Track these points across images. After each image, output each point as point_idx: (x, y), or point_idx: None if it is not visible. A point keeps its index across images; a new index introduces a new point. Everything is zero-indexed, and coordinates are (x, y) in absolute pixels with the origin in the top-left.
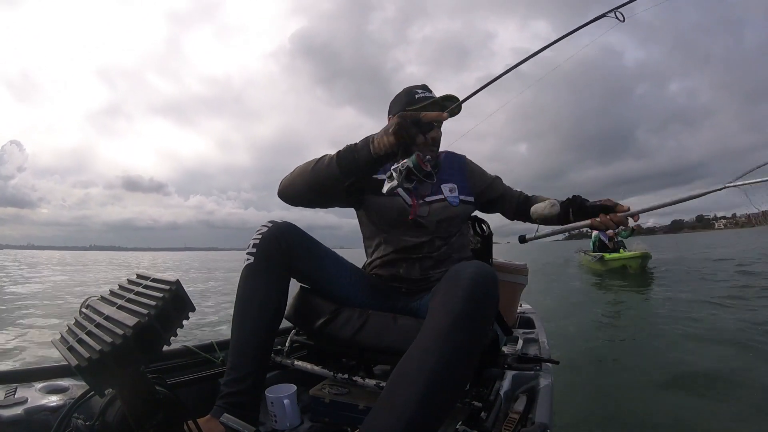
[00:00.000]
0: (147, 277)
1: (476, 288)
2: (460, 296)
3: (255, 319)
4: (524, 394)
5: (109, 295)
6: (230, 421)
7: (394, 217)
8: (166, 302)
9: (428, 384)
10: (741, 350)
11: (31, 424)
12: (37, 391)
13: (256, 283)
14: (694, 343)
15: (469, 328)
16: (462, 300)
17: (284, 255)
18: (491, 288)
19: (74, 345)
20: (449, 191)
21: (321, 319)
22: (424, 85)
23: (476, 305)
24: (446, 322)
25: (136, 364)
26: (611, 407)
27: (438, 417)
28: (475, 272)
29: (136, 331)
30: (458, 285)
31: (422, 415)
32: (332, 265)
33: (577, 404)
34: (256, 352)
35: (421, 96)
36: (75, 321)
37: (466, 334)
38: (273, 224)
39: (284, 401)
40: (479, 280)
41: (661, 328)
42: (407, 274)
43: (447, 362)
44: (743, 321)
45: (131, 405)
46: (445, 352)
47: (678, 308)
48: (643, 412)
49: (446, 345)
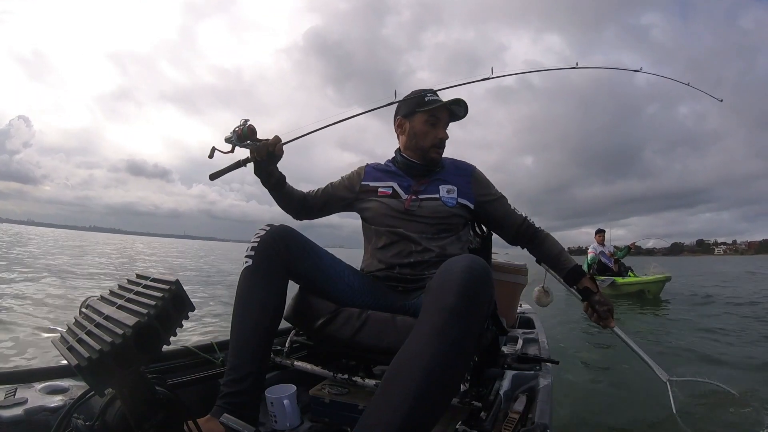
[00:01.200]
0: (147, 277)
1: (469, 282)
2: (453, 291)
3: (254, 320)
4: (524, 394)
5: (109, 295)
6: (230, 421)
7: (387, 214)
8: (166, 302)
9: (423, 380)
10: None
11: (31, 425)
12: (37, 391)
13: (255, 284)
14: (701, 353)
15: (463, 323)
16: (455, 295)
17: (282, 257)
18: (484, 281)
19: (74, 345)
20: (446, 192)
21: (320, 319)
22: (432, 90)
23: (469, 300)
24: (440, 317)
25: (136, 364)
26: (611, 407)
27: (434, 413)
28: (467, 266)
29: (136, 331)
30: (451, 279)
31: (418, 412)
32: (330, 267)
33: (577, 404)
34: (255, 352)
35: (430, 99)
36: (75, 321)
37: (460, 330)
38: (271, 227)
39: (284, 401)
40: (472, 274)
41: (666, 337)
42: (401, 274)
43: (442, 358)
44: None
45: (131, 405)
46: (439, 348)
47: (687, 323)
48: (643, 412)
49: (440, 341)
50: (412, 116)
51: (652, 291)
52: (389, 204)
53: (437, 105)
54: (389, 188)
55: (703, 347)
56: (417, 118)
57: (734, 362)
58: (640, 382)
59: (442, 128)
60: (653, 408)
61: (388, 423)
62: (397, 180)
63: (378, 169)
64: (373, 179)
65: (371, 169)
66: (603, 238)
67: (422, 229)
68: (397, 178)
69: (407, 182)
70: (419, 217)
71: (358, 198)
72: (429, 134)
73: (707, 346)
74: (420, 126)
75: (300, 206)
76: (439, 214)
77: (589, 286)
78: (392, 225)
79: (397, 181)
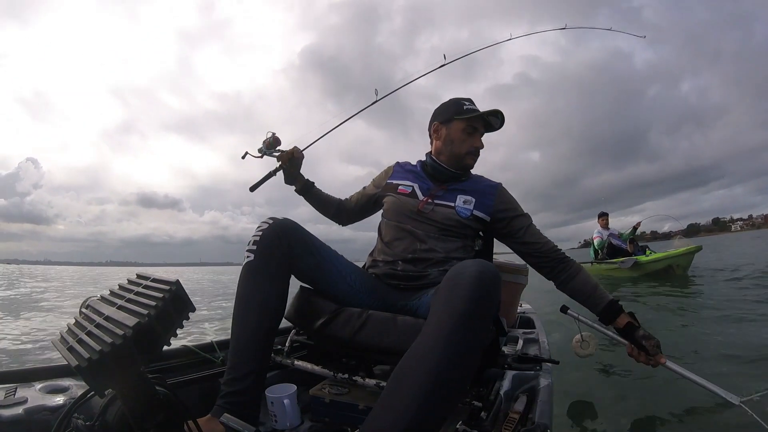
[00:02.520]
0: (147, 277)
1: (479, 288)
2: (462, 296)
3: (255, 319)
4: (524, 394)
5: (109, 296)
6: (230, 420)
7: (400, 211)
8: (166, 302)
9: (430, 384)
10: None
11: (31, 424)
12: (37, 391)
13: (256, 281)
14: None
15: (472, 327)
16: (465, 300)
17: (285, 252)
18: (494, 287)
19: (74, 345)
20: (463, 202)
21: (321, 319)
22: (469, 99)
23: (478, 305)
24: (449, 321)
25: (136, 364)
26: (611, 407)
27: (439, 416)
28: (478, 271)
29: (136, 332)
30: (461, 284)
31: (424, 415)
32: (333, 264)
33: (577, 404)
34: (256, 351)
35: (468, 108)
36: (75, 321)
37: (468, 334)
38: (273, 221)
39: (284, 401)
40: (483, 280)
41: (706, 328)
42: (404, 270)
43: (449, 362)
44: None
45: (131, 405)
46: (447, 352)
47: (727, 304)
48: (646, 411)
49: (448, 345)
50: (450, 123)
51: (682, 265)
52: (404, 202)
53: (475, 114)
54: (410, 188)
55: (754, 336)
56: (454, 125)
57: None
58: (640, 381)
59: (478, 137)
60: (656, 406)
61: (394, 424)
62: (419, 182)
63: (405, 168)
64: (398, 177)
65: (399, 168)
66: (606, 221)
67: (430, 231)
68: (420, 180)
69: (428, 185)
70: (429, 220)
71: (382, 194)
72: (466, 142)
73: (757, 334)
74: (457, 133)
75: (337, 211)
76: (449, 222)
77: (632, 321)
78: (402, 221)
79: (419, 182)
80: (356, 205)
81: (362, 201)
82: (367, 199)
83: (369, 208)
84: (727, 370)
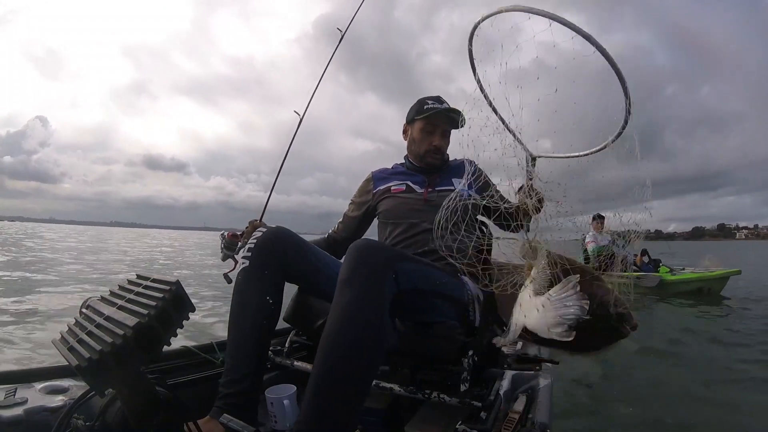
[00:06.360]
0: (147, 277)
1: (351, 256)
2: (342, 268)
3: (251, 321)
4: (524, 394)
5: (109, 296)
6: (230, 421)
7: (406, 208)
8: (166, 302)
9: (328, 352)
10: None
11: (31, 425)
12: (37, 391)
13: (252, 285)
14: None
15: (352, 289)
16: (343, 270)
17: (279, 258)
18: (365, 251)
19: (74, 345)
20: (460, 184)
21: (319, 320)
22: (437, 97)
23: (353, 269)
24: (337, 291)
25: (136, 364)
26: (611, 407)
27: (350, 376)
28: (352, 246)
29: (136, 332)
30: (343, 260)
31: (328, 381)
32: (328, 267)
33: (577, 404)
34: (253, 353)
35: (429, 106)
36: (75, 321)
37: (350, 296)
38: (268, 229)
39: (284, 401)
40: (354, 249)
41: (672, 337)
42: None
43: (337, 324)
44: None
45: (131, 405)
46: (334, 316)
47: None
48: (645, 412)
49: (335, 310)
50: (413, 123)
51: (716, 288)
52: (407, 198)
53: (432, 112)
54: (403, 185)
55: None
56: (416, 125)
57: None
58: (641, 381)
59: (438, 136)
60: (656, 407)
61: (309, 401)
62: (408, 178)
63: (386, 173)
64: (384, 182)
65: (379, 174)
66: (602, 225)
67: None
68: (408, 176)
69: (419, 178)
70: (439, 207)
71: (374, 203)
72: (425, 141)
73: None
74: (418, 133)
75: (329, 248)
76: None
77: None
78: (412, 218)
79: (408, 179)
80: (347, 231)
81: (353, 224)
82: (358, 219)
83: (364, 224)
84: None
